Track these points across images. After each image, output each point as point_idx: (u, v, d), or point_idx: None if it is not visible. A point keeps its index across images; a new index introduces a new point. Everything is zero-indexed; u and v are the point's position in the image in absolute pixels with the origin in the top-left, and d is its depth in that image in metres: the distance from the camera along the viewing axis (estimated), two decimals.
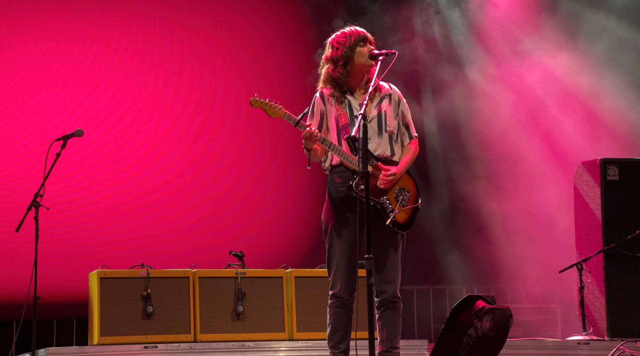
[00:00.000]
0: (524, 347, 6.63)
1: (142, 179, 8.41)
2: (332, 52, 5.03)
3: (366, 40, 5.01)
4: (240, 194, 8.77)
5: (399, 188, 4.98)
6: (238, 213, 8.72)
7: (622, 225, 6.84)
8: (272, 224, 8.84)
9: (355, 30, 5.05)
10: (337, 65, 5.00)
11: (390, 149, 5.02)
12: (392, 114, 5.03)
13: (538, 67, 8.78)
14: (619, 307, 6.78)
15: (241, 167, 8.82)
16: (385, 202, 4.93)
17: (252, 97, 4.88)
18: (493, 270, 8.73)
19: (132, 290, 6.39)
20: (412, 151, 5.08)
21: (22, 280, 6.17)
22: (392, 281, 4.95)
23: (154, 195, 8.43)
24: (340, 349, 4.97)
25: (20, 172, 7.87)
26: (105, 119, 8.33)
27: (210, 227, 8.56)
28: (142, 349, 6.18)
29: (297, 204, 8.96)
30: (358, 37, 5.01)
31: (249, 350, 6.38)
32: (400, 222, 4.95)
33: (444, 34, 9.18)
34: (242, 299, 6.56)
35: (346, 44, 5.00)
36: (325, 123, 5.04)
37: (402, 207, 4.92)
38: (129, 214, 8.30)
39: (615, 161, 7.01)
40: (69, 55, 8.25)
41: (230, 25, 8.95)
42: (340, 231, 4.95)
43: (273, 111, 4.89)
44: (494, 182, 8.72)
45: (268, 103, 4.89)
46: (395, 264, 4.96)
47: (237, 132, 8.83)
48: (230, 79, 8.86)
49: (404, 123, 5.10)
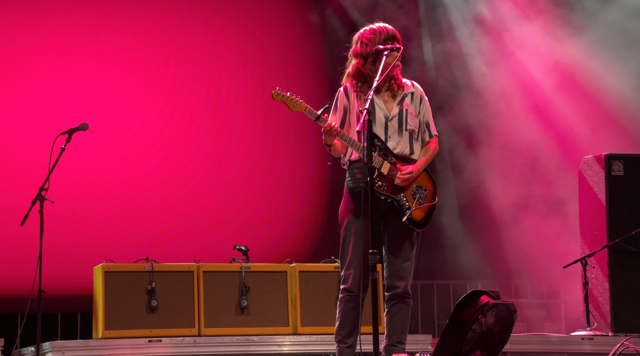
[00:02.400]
0: (528, 342, 6.63)
1: (147, 173, 8.41)
2: (361, 48, 5.02)
3: (394, 39, 5.01)
4: (245, 189, 8.77)
5: (416, 186, 5.00)
6: (243, 208, 8.72)
7: (626, 220, 6.83)
8: (277, 219, 8.84)
9: (384, 28, 5.04)
10: (366, 61, 5.00)
11: (410, 147, 5.03)
12: (413, 112, 5.04)
13: (543, 57, 8.75)
14: (624, 303, 6.78)
15: (246, 162, 8.81)
16: (402, 199, 4.95)
17: (274, 90, 4.89)
18: (497, 265, 8.73)
19: (136, 284, 6.40)
20: (432, 150, 5.10)
21: (26, 274, 6.19)
22: (404, 277, 4.97)
23: (158, 189, 8.43)
24: (347, 344, 4.98)
25: (25, 166, 7.87)
26: (110, 113, 8.33)
27: (215, 221, 8.56)
28: (147, 343, 6.20)
29: (302, 199, 8.96)
30: (387, 35, 5.01)
31: (253, 344, 6.39)
32: (416, 220, 4.99)
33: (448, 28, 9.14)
34: (247, 293, 6.57)
35: (375, 41, 5.00)
36: (348, 118, 5.04)
37: (419, 204, 4.95)
38: (134, 208, 8.30)
39: (620, 156, 7.00)
40: (74, 49, 8.24)
41: (236, 17, 8.93)
42: (355, 226, 4.95)
43: (294, 105, 4.90)
44: (499, 176, 8.70)
45: (290, 97, 4.89)
46: (408, 260, 4.98)
47: (242, 126, 8.82)
48: (236, 73, 8.84)
49: (425, 122, 5.10)
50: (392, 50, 4.91)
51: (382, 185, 4.92)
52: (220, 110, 8.77)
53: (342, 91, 5.08)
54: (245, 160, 8.82)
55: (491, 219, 8.74)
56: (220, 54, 8.84)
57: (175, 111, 8.61)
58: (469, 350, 4.73)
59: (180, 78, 8.64)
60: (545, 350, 6.65)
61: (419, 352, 5.00)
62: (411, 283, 5.01)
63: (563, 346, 6.65)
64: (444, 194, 9.21)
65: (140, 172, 8.39)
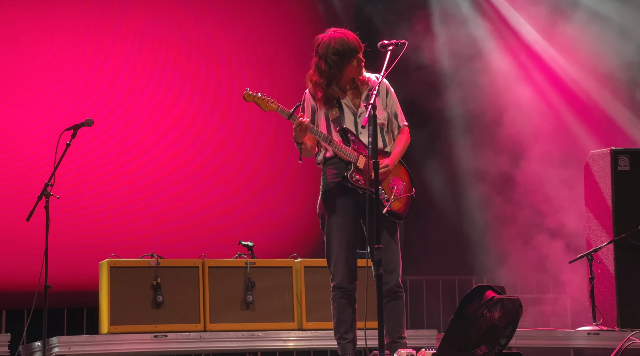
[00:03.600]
0: (533, 337, 6.62)
1: (152, 169, 8.42)
2: (321, 63, 4.98)
3: (357, 53, 4.97)
4: (250, 184, 8.77)
5: (392, 177, 5.04)
6: (248, 203, 8.72)
7: (632, 215, 6.81)
8: (282, 214, 8.84)
9: (347, 43, 4.96)
10: (323, 77, 4.99)
11: (382, 140, 5.05)
12: (380, 106, 5.06)
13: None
14: (630, 298, 6.76)
15: (252, 157, 8.81)
16: (381, 191, 4.96)
17: (245, 91, 4.89)
18: (502, 260, 8.72)
19: (142, 280, 6.41)
20: (404, 141, 5.13)
21: (33, 269, 6.19)
22: (393, 271, 4.99)
23: (164, 184, 8.44)
24: (347, 339, 4.99)
25: (31, 162, 7.89)
26: (115, 109, 8.33)
27: (220, 217, 8.57)
28: (152, 338, 6.21)
29: (307, 194, 8.94)
30: (349, 52, 4.95)
31: (258, 339, 6.40)
32: (396, 211, 5.00)
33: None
34: (252, 289, 6.57)
35: (338, 62, 4.95)
36: (316, 118, 5.06)
37: (397, 196, 4.98)
38: (139, 203, 8.31)
39: (626, 151, 6.98)
40: (79, 45, 8.25)
41: (239, 12, 8.92)
42: (336, 221, 4.99)
43: (266, 105, 4.91)
44: (503, 171, 8.69)
45: (260, 97, 4.90)
46: (395, 253, 5.00)
47: (246, 121, 8.81)
48: (239, 68, 8.84)
49: (393, 113, 5.13)
50: (397, 45, 4.91)
51: (358, 180, 4.94)
52: (226, 105, 8.77)
53: (307, 93, 5.10)
54: (250, 155, 8.82)
55: (496, 214, 8.74)
56: (224, 49, 8.83)
57: (181, 106, 8.61)
58: (474, 345, 4.73)
59: (186, 74, 8.65)
60: (551, 345, 6.63)
61: (424, 347, 4.99)
62: (401, 275, 5.03)
63: (569, 341, 6.64)
64: (448, 190, 9.22)
65: (145, 168, 8.40)
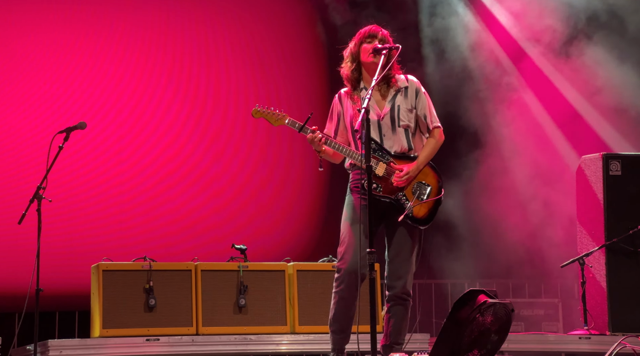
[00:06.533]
0: (525, 342, 6.63)
1: (145, 172, 8.41)
2: (347, 50, 5.03)
3: (374, 37, 4.97)
4: (243, 187, 8.77)
5: (417, 183, 4.95)
6: (241, 207, 8.72)
7: (624, 220, 6.83)
8: (275, 218, 8.84)
9: (368, 27, 5.02)
10: (349, 63, 5.01)
11: (408, 144, 4.98)
12: (406, 108, 4.99)
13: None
14: (621, 302, 6.79)
15: (245, 161, 8.81)
16: (402, 197, 4.91)
17: (254, 108, 4.89)
18: (495, 265, 8.73)
19: (134, 283, 6.39)
20: (433, 143, 5.02)
21: (24, 272, 6.18)
22: (401, 277, 4.95)
23: (156, 188, 8.43)
24: (340, 336, 4.98)
25: (23, 165, 7.87)
26: (107, 112, 8.33)
27: (213, 220, 8.56)
28: (144, 342, 6.19)
29: (300, 198, 8.95)
30: (365, 33, 4.99)
31: (250, 343, 6.39)
32: (418, 217, 4.94)
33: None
34: (244, 292, 6.57)
35: (355, 42, 5.00)
36: (342, 124, 5.03)
37: (420, 201, 4.91)
38: (132, 207, 8.30)
39: (617, 156, 7.01)
40: (72, 48, 8.24)
41: (236, 17, 8.92)
42: (354, 217, 4.92)
43: (276, 119, 4.89)
44: (498, 175, 8.70)
45: (270, 113, 4.89)
46: (407, 259, 4.95)
47: (240, 125, 8.81)
48: (234, 73, 8.84)
49: (423, 115, 5.04)
50: (390, 49, 4.89)
51: (378, 186, 4.89)
52: (218, 109, 8.77)
53: (335, 98, 5.09)
54: (243, 159, 8.82)
55: (488, 218, 8.74)
56: (220, 53, 8.83)
57: (174, 110, 8.61)
58: (466, 349, 4.73)
59: (178, 77, 8.64)
60: (543, 349, 6.65)
61: (416, 351, 5.00)
62: (411, 283, 4.99)
63: (561, 345, 6.65)
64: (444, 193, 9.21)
65: (138, 171, 8.39)
